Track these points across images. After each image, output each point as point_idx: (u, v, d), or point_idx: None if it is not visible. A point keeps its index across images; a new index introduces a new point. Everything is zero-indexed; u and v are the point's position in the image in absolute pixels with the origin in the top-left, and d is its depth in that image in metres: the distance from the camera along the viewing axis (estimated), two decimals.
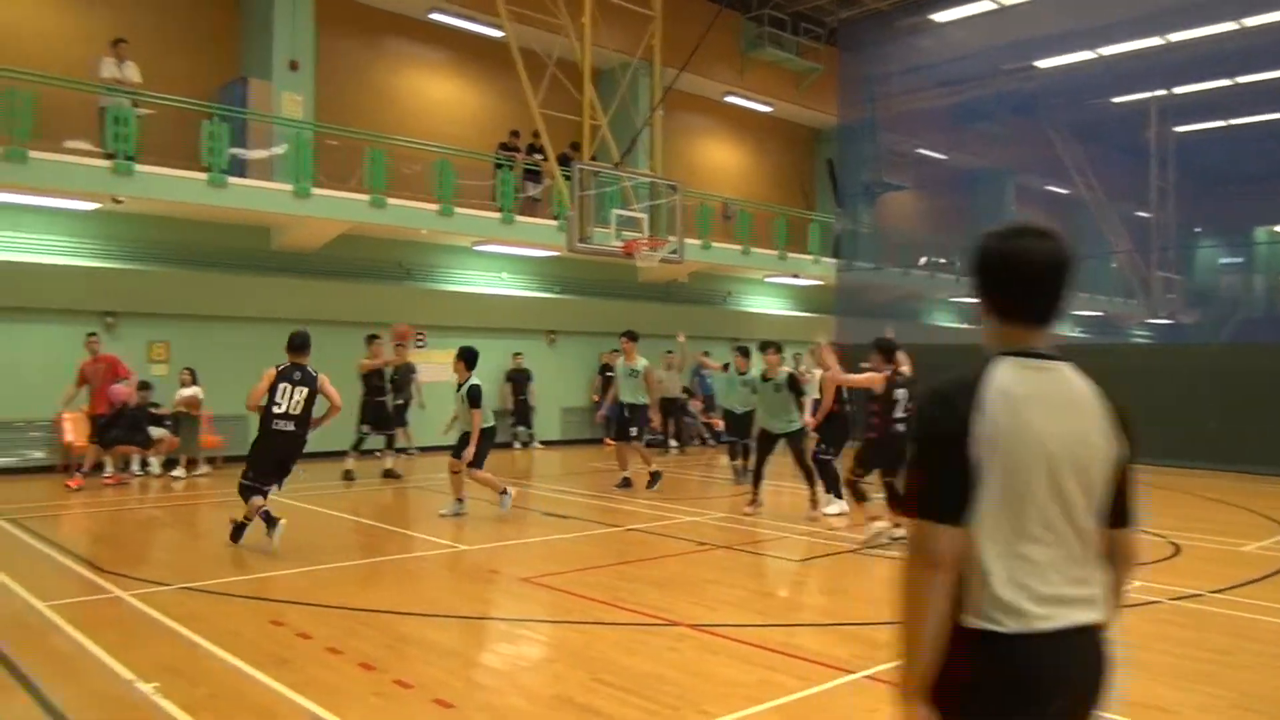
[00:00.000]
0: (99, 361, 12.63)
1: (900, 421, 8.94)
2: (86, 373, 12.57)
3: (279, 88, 16.29)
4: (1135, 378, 17.21)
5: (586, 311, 20.20)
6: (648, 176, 16.22)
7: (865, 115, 23.86)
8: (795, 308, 25.59)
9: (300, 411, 8.46)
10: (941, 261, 26.21)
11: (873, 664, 5.28)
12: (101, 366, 12.59)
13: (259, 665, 5.16)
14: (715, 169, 25.45)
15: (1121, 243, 25.77)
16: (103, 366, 12.60)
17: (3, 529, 9.47)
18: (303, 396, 8.47)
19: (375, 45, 18.97)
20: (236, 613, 6.32)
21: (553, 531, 9.73)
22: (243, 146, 15.23)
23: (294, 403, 8.44)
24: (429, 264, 18.44)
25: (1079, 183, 25.57)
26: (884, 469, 9.01)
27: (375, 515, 10.61)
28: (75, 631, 5.79)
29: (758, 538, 9.41)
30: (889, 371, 8.96)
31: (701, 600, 6.82)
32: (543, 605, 6.77)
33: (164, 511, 11.04)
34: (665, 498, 11.95)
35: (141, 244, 14.99)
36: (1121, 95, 23.97)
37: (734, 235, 21.76)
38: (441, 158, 17.01)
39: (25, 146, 12.61)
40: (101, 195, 13.58)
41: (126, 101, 13.79)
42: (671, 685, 4.93)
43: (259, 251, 16.27)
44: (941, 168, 27.55)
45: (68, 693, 4.81)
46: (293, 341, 8.80)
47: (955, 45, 22.07)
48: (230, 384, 15.72)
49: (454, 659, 5.42)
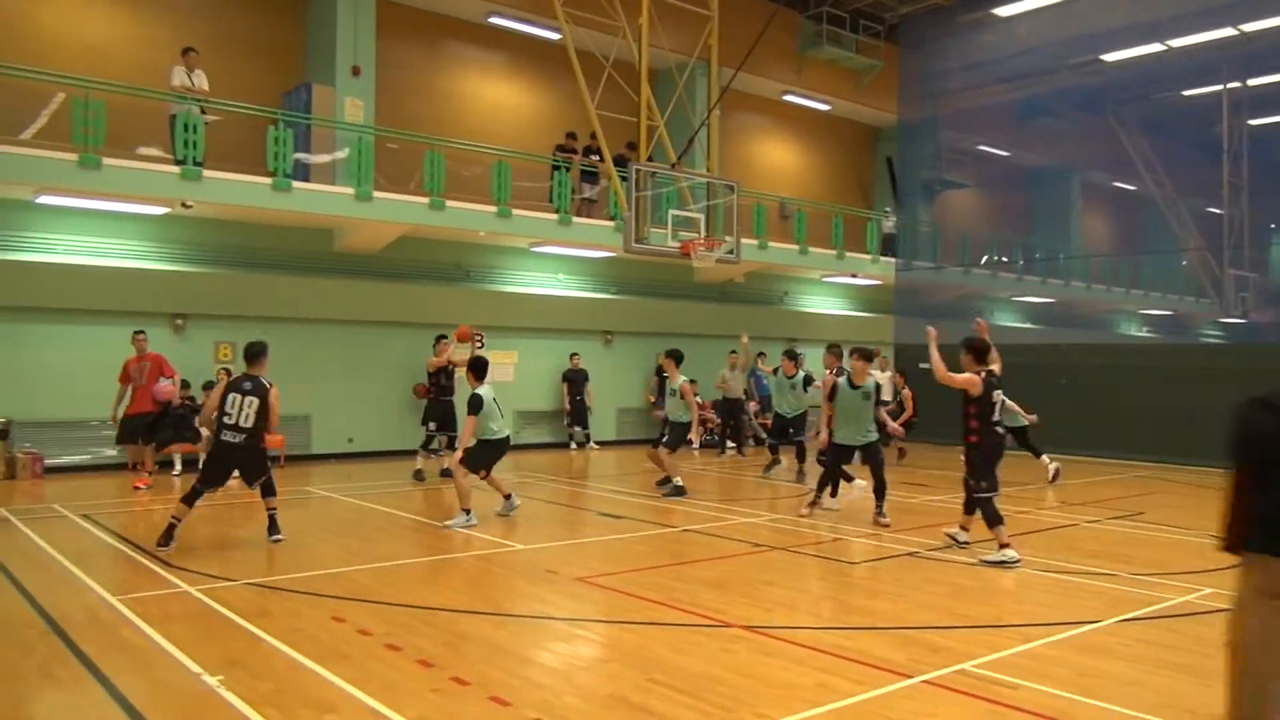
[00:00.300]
0: (144, 359, 12.61)
1: (999, 424, 8.59)
2: (131, 370, 12.57)
3: (341, 93, 16.59)
4: (1206, 379, 16.74)
5: (643, 312, 20.23)
6: (704, 177, 16.18)
7: (925, 112, 23.55)
8: (853, 308, 25.35)
9: (251, 424, 8.47)
10: (1003, 260, 25.76)
11: (931, 668, 5.21)
12: (147, 364, 12.56)
13: (320, 660, 5.25)
14: (772, 168, 25.31)
15: (1192, 240, 25.08)
16: (148, 364, 12.57)
17: (77, 525, 9.78)
18: (253, 408, 8.47)
19: (434, 49, 19.22)
20: (299, 609, 6.44)
21: (608, 532, 9.76)
22: (306, 151, 15.54)
23: (244, 415, 8.45)
24: (487, 265, 18.62)
25: (1147, 179, 24.95)
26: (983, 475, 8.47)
27: (435, 514, 10.73)
28: (145, 625, 5.96)
29: (814, 539, 9.34)
30: (984, 373, 8.45)
31: (757, 602, 6.78)
32: (598, 605, 6.80)
33: (229, 509, 11.29)
34: (721, 499, 11.92)
35: (209, 247, 15.37)
36: (1192, 88, 23.36)
37: (791, 235, 21.62)
38: (499, 160, 17.18)
39: (99, 153, 13.02)
40: (171, 200, 13.96)
41: (196, 109, 14.14)
42: (726, 687, 4.92)
43: (321, 254, 16.58)
44: (1003, 165, 27.06)
45: (137, 684, 4.95)
46: (247, 352, 8.84)
47: (1018, 40, 21.69)
48: (293, 384, 16.03)
49: (510, 657, 5.47)
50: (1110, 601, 6.88)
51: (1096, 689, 4.92)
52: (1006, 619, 6.35)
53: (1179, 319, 26.73)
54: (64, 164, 12.85)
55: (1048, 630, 6.05)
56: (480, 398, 9.94)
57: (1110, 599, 6.97)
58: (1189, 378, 17.03)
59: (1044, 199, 27.27)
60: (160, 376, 12.59)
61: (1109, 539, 9.62)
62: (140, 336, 12.80)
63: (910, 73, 23.19)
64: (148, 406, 12.46)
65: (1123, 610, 6.59)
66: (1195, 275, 25.29)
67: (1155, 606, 6.72)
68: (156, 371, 12.56)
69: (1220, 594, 7.03)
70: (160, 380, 12.56)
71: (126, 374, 12.54)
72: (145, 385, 12.46)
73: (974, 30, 22.31)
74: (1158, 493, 13.37)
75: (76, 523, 9.88)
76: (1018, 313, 26.77)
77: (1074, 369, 18.45)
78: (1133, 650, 5.66)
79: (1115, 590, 7.24)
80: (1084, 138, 24.90)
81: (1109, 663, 5.41)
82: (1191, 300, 25.71)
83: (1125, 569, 7.91)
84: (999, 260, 25.69)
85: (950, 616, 6.42)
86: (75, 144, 12.94)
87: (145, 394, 12.47)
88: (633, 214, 14.33)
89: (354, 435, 16.67)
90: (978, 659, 5.40)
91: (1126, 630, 6.12)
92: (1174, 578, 7.65)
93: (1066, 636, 5.93)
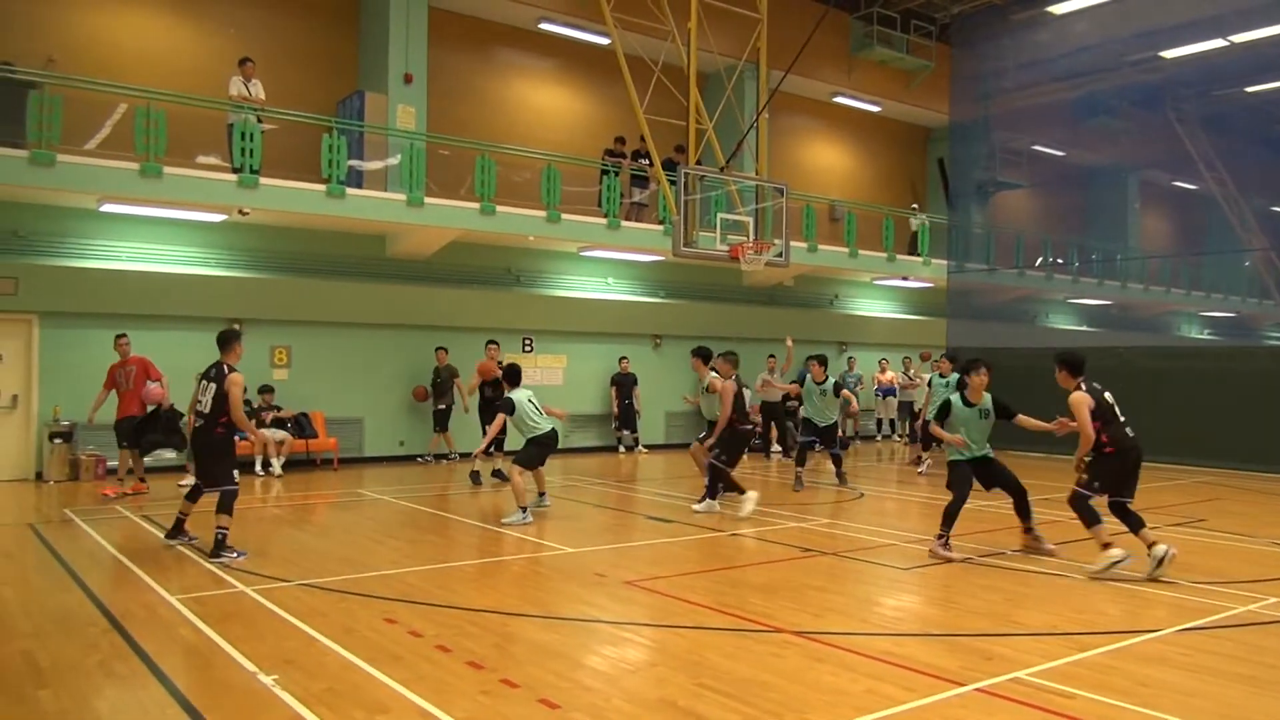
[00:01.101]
0: (129, 363, 12.23)
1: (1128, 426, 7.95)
2: (116, 375, 12.24)
3: (393, 100, 16.82)
4: (1270, 381, 16.32)
5: (692, 315, 20.22)
6: (753, 179, 16.13)
7: (978, 112, 23.21)
8: (904, 310, 25.08)
9: (209, 409, 8.45)
10: (1059, 262, 25.32)
11: (983, 676, 5.14)
12: (132, 368, 12.18)
13: (373, 661, 5.32)
14: (822, 170, 25.16)
15: (1255, 240, 24.40)
16: (133, 368, 12.17)
17: (138, 525, 10.02)
18: (210, 394, 8.48)
19: (485, 56, 19.40)
20: (352, 609, 6.54)
21: (657, 535, 9.76)
22: (359, 158, 15.80)
23: (206, 400, 8.51)
24: (536, 270, 18.73)
25: (1208, 177, 24.33)
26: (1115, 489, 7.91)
27: (482, 516, 10.82)
28: (202, 624, 6.09)
29: (864, 544, 9.26)
30: (1084, 387, 7.86)
31: (806, 607, 6.74)
32: (646, 608, 6.80)
33: (285, 510, 11.49)
34: (769, 503, 11.86)
35: (264, 253, 15.67)
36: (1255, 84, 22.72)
37: (841, 237, 21.46)
38: (548, 164, 17.28)
39: (160, 162, 13.34)
40: (229, 207, 14.26)
41: (253, 118, 14.43)
42: (776, 692, 4.89)
43: (374, 259, 16.81)
44: (1059, 165, 26.57)
45: (195, 682, 5.06)
46: (217, 339, 8.82)
47: (1074, 38, 21.30)
48: (347, 388, 16.36)
49: (559, 660, 5.49)
50: (1170, 610, 6.73)
51: (1154, 699, 4.81)
52: (1062, 627, 6.23)
53: (1242, 320, 26.04)
54: (127, 173, 13.20)
55: (1105, 639, 5.93)
56: (513, 401, 10.41)
57: (1170, 607, 6.81)
58: (1252, 381, 16.59)
59: (1101, 199, 26.73)
60: (147, 379, 12.19)
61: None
62: (122, 340, 12.41)
63: (962, 72, 22.89)
64: (135, 410, 12.08)
65: (1182, 619, 6.44)
66: (1259, 276, 24.62)
67: (1216, 616, 6.56)
68: (143, 375, 12.17)
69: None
70: (148, 383, 12.17)
71: (111, 379, 12.27)
72: (133, 389, 12.09)
73: (1027, 28, 21.97)
74: (1220, 499, 13.04)
75: (137, 523, 10.12)
76: (1074, 315, 26.30)
77: (1132, 372, 18.07)
78: (1192, 660, 5.53)
79: (1175, 599, 7.08)
80: (1142, 136, 24.35)
81: (1167, 673, 5.29)
82: (1255, 301, 25.05)
83: (1186, 577, 7.73)
84: (1054, 262, 25.25)
85: (1004, 623, 6.32)
86: (138, 153, 13.29)
87: (133, 398, 12.11)
88: (682, 217, 14.33)
89: (405, 438, 16.88)
90: (1032, 667, 5.31)
91: (1186, 640, 5.98)
92: (1236, 586, 7.46)
93: (1124, 646, 5.81)
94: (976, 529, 9.91)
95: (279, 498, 12.45)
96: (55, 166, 12.72)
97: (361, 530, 9.95)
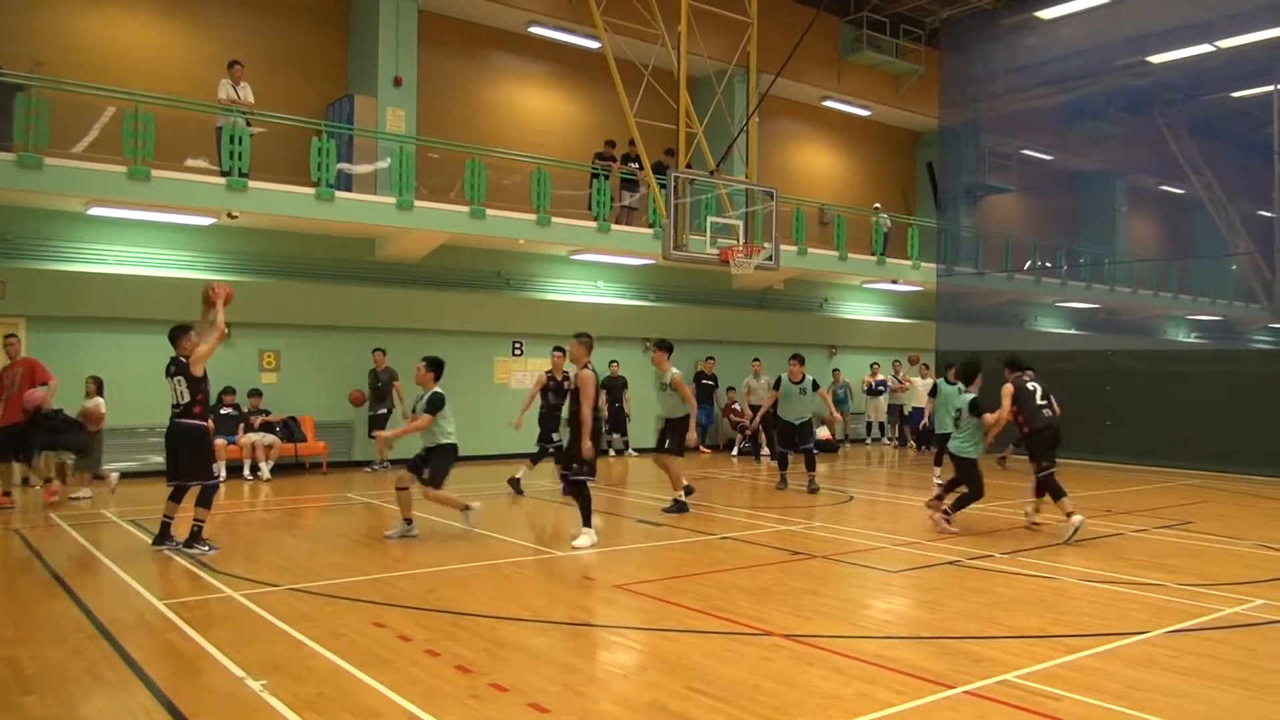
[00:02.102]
0: (15, 366, 11.26)
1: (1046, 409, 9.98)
2: (2, 379, 11.21)
3: (383, 104, 16.82)
4: (1257, 384, 16.41)
5: (682, 319, 20.22)
6: (743, 183, 16.17)
7: (967, 116, 23.33)
8: (894, 314, 25.15)
9: (185, 400, 8.54)
10: (1047, 265, 25.43)
11: (973, 678, 5.14)
12: (18, 371, 11.20)
13: (362, 666, 5.30)
14: (812, 174, 25.22)
15: (1242, 244, 24.57)
16: (19, 371, 11.20)
17: (125, 530, 9.97)
18: (182, 385, 8.56)
19: (475, 59, 19.39)
20: (340, 614, 6.51)
21: (647, 539, 9.76)
22: (349, 161, 15.76)
23: (178, 393, 8.58)
24: (526, 273, 18.72)
25: (1195, 181, 24.49)
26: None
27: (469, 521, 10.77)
28: (190, 629, 6.05)
29: (853, 548, 9.27)
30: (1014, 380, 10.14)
31: (796, 610, 6.74)
32: (637, 612, 6.79)
33: (273, 514, 11.44)
34: (759, 506, 11.86)
35: (253, 256, 15.62)
36: (1241, 89, 22.88)
37: (830, 241, 21.51)
38: (538, 168, 17.27)
39: (148, 165, 13.29)
40: (218, 210, 14.21)
41: (241, 121, 14.39)
42: (766, 695, 4.89)
43: (364, 262, 16.78)
44: (1047, 169, 26.71)
45: (182, 688, 5.03)
46: (168, 336, 8.81)
47: (1062, 42, 21.42)
48: (336, 391, 16.29)
49: (549, 664, 5.48)
50: (1158, 612, 6.75)
51: (1145, 701, 4.83)
52: (1050, 629, 6.25)
53: (1229, 324, 26.20)
54: (115, 176, 13.15)
55: (1093, 641, 5.95)
56: (442, 396, 9.61)
57: (1158, 610, 6.84)
58: (1239, 383, 16.68)
59: (1089, 203, 26.88)
60: (33, 383, 11.21)
61: (1156, 548, 9.45)
62: (12, 340, 11.55)
63: (952, 77, 23.00)
64: (16, 418, 11.07)
65: (1171, 621, 6.46)
66: (1245, 280, 24.78)
67: (1205, 618, 6.59)
68: (29, 378, 11.19)
69: (1272, 605, 6.89)
70: (34, 386, 11.20)
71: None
72: (16, 393, 11.08)
73: (1016, 33, 22.08)
74: (1207, 501, 13.09)
75: (124, 528, 10.06)
76: (1062, 318, 26.41)
77: (1119, 375, 18.15)
78: (1182, 662, 5.55)
79: (1163, 601, 7.10)
80: (1130, 140, 24.50)
81: (1157, 675, 5.31)
82: (1241, 305, 25.21)
83: (1173, 579, 7.76)
84: (1043, 265, 25.36)
85: (993, 626, 6.33)
86: (125, 156, 13.23)
87: (16, 403, 11.07)
88: (672, 221, 14.35)
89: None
90: (1021, 670, 5.32)
91: (1175, 642, 6.00)
92: (1224, 588, 7.49)
93: (1113, 648, 5.83)
94: (965, 532, 9.93)
95: (267, 502, 12.40)
96: (43, 170, 12.67)
97: (350, 535, 9.91)
